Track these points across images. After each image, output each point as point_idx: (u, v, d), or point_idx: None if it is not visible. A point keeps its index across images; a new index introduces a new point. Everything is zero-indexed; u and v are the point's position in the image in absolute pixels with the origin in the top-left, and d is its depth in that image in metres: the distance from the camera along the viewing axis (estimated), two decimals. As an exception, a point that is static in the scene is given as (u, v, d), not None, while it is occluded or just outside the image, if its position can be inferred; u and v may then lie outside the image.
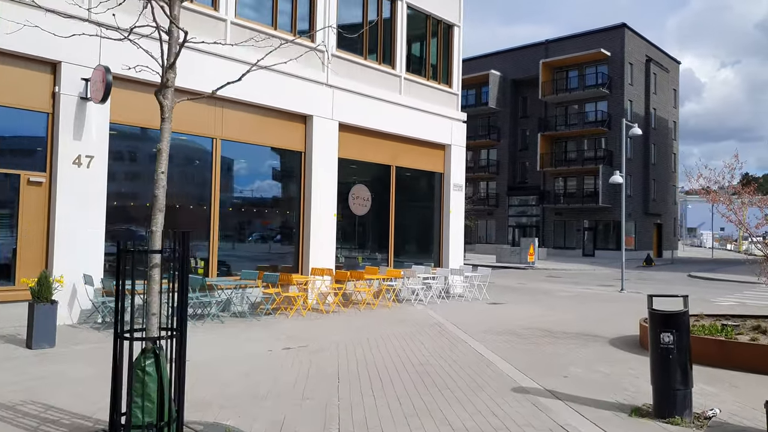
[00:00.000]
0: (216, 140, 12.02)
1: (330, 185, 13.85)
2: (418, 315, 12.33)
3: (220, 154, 12.08)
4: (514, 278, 24.89)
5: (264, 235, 13.52)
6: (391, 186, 15.89)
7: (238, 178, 12.96)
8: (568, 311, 13.80)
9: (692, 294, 20.68)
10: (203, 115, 11.78)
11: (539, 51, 48.36)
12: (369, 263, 15.75)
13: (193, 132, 11.73)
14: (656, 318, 5.35)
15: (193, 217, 12.00)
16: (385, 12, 15.56)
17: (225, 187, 12.37)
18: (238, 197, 12.90)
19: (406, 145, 16.24)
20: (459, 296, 16.22)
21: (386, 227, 15.86)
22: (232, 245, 12.67)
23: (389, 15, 15.70)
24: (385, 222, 15.89)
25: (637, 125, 21.20)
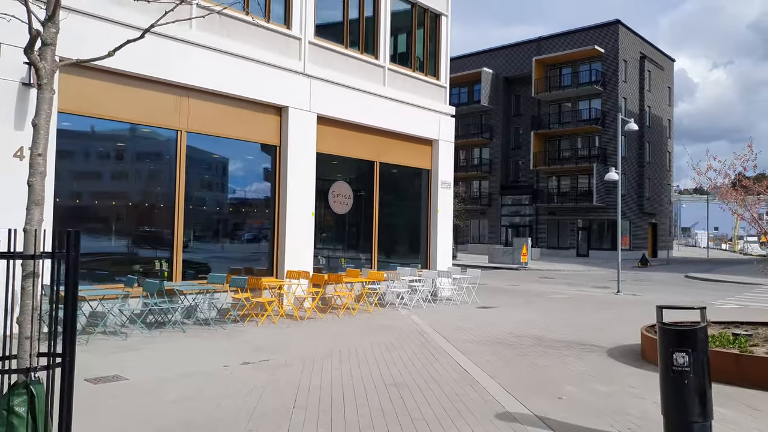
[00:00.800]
0: (181, 133, 11.06)
1: (307, 182, 12.91)
2: (401, 321, 11.41)
3: (185, 147, 11.12)
4: (507, 279, 24.03)
5: (236, 236, 12.56)
6: (375, 183, 14.97)
7: (206, 174, 12.00)
8: (561, 316, 12.92)
9: (691, 296, 19.90)
10: (166, 105, 10.83)
11: (532, 48, 47.57)
12: (352, 265, 14.84)
13: (155, 123, 10.77)
14: (668, 335, 4.45)
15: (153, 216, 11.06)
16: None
17: (191, 183, 11.41)
18: (206, 195, 11.94)
19: (390, 140, 15.33)
20: (447, 299, 15.32)
21: (370, 227, 14.94)
22: (199, 246, 11.71)
23: (372, 2, 14.78)
24: (368, 221, 14.97)
25: (636, 114, 20.35)
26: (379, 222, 15.14)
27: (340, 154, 14.07)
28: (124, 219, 10.82)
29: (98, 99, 9.89)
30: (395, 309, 13.20)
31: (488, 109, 49.78)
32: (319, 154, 13.48)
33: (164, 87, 10.76)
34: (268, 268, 12.64)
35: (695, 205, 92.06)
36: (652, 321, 13.40)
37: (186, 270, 11.28)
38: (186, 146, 11.13)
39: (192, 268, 11.38)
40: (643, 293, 19.97)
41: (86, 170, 10.43)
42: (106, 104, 10.02)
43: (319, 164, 13.54)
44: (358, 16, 14.38)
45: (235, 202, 12.56)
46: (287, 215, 12.50)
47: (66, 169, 9.73)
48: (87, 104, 9.77)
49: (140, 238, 10.92)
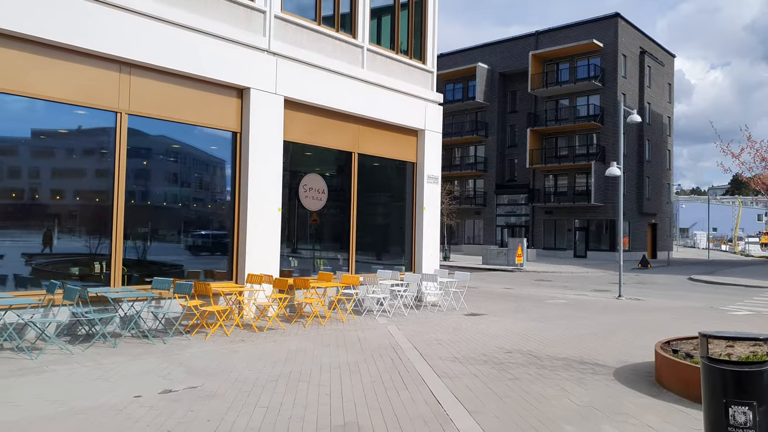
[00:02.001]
0: (120, 115, 9.56)
1: (273, 174, 11.43)
2: (375, 333, 9.94)
3: (126, 133, 9.63)
4: (500, 282, 22.59)
5: (191, 235, 11.07)
6: (353, 176, 13.50)
7: (154, 163, 10.51)
8: (559, 325, 11.48)
9: (698, 301, 18.47)
10: (102, 82, 9.33)
11: (529, 43, 46.16)
12: (329, 268, 13.39)
13: (89, 104, 9.27)
14: (720, 378, 2.98)
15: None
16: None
17: (134, 174, 9.93)
18: (153, 188, 10.46)
19: (370, 129, 13.86)
20: (432, 305, 13.87)
21: (346, 225, 13.47)
22: (145, 247, 10.21)
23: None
24: (345, 219, 13.50)
25: (636, 111, 18.93)
26: (358, 220, 13.68)
27: (312, 144, 12.60)
28: (54, 216, 9.32)
29: (17, 73, 8.40)
30: (372, 317, 11.74)
31: (483, 105, 48.36)
32: (288, 143, 12.02)
33: (99, 61, 9.27)
34: (228, 271, 11.16)
35: (694, 206, 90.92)
36: (659, 330, 11.98)
37: (132, 274, 9.80)
38: (127, 131, 9.64)
39: (139, 270, 9.89)
40: (646, 297, 18.55)
41: (3, 159, 8.93)
42: (28, 79, 8.53)
43: (287, 154, 12.08)
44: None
45: (189, 196, 11.07)
46: (249, 211, 11.02)
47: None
48: (4, 79, 8.28)
49: (73, 238, 9.43)
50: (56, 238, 9.19)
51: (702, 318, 13.34)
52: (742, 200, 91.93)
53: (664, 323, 12.21)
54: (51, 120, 9.12)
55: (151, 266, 10.27)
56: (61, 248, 9.27)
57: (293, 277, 12.36)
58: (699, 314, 14.09)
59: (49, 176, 9.44)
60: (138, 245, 10.03)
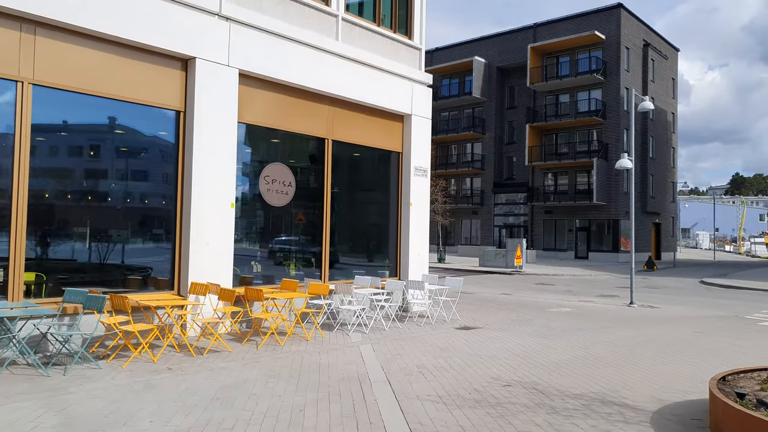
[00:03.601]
0: (23, 85, 7.65)
1: (225, 162, 9.52)
2: (343, 356, 8.04)
3: (30, 107, 7.71)
4: (498, 286, 20.70)
5: (123, 236, 9.14)
6: (326, 167, 11.60)
7: (70, 147, 8.60)
8: (568, 342, 9.58)
9: (718, 308, 16.47)
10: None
11: (528, 35, 44.31)
12: (301, 273, 11.51)
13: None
14: None
15: None
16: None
17: (44, 161, 8.03)
18: (69, 178, 8.54)
19: (347, 113, 11.96)
20: (420, 317, 11.98)
21: (319, 224, 11.56)
22: (57, 250, 8.29)
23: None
24: (317, 217, 11.60)
25: (649, 98, 17.07)
26: (333, 218, 11.78)
27: (275, 127, 10.68)
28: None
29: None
30: (346, 333, 9.83)
31: (480, 101, 46.50)
32: (245, 126, 10.12)
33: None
34: (170, 278, 9.24)
35: (696, 206, 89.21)
36: (688, 350, 9.97)
37: (47, 283, 7.90)
38: (32, 105, 7.72)
39: (55, 279, 7.97)
40: (660, 304, 16.69)
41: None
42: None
43: (245, 139, 10.19)
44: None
45: (121, 188, 9.14)
46: (194, 207, 9.10)
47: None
48: None
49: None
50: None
51: (731, 331, 11.47)
52: (740, 201, 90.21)
53: (689, 339, 10.33)
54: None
55: (75, 273, 8.37)
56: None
57: (254, 286, 10.47)
58: (725, 326, 12.22)
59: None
60: (54, 248, 8.12)
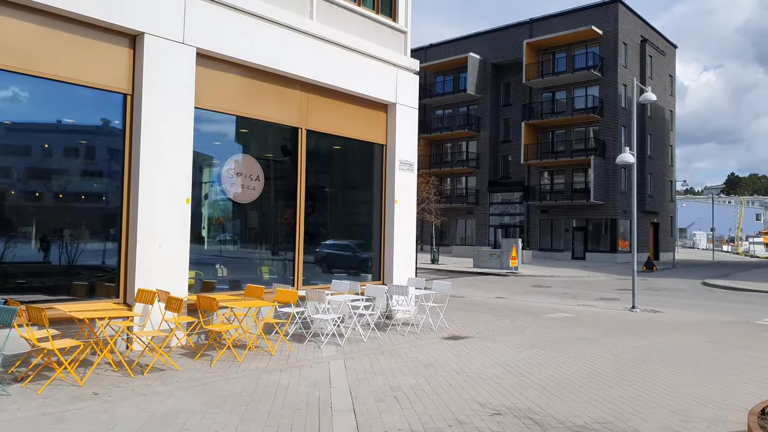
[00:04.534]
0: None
1: (179, 153, 8.40)
2: (309, 376, 6.94)
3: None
4: (492, 289, 19.63)
5: (62, 237, 8.01)
6: (300, 159, 10.49)
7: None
8: (567, 355, 8.50)
9: (725, 313, 15.25)
10: None
11: (523, 31, 43.29)
12: (275, 277, 10.43)
13: None
14: None
15: None
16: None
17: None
18: None
19: (324, 100, 10.86)
20: (404, 324, 10.89)
21: (291, 223, 10.45)
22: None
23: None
24: (289, 215, 10.49)
25: (650, 89, 16.03)
26: (308, 216, 10.68)
27: (241, 114, 9.57)
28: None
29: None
30: (317, 346, 8.73)
31: (475, 98, 45.47)
32: (203, 112, 9.01)
33: None
34: (116, 284, 8.12)
35: (693, 206, 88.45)
36: (702, 363, 9.04)
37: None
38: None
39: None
40: (664, 308, 15.66)
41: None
42: None
43: (204, 127, 9.08)
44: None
45: (59, 183, 8.02)
46: (143, 203, 7.98)
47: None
48: None
49: None
50: None
51: (746, 340, 10.41)
52: (737, 200, 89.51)
53: (702, 350, 9.26)
54: None
55: (8, 279, 7.25)
56: None
57: (217, 292, 9.38)
58: (738, 334, 11.17)
59: None
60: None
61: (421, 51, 49.53)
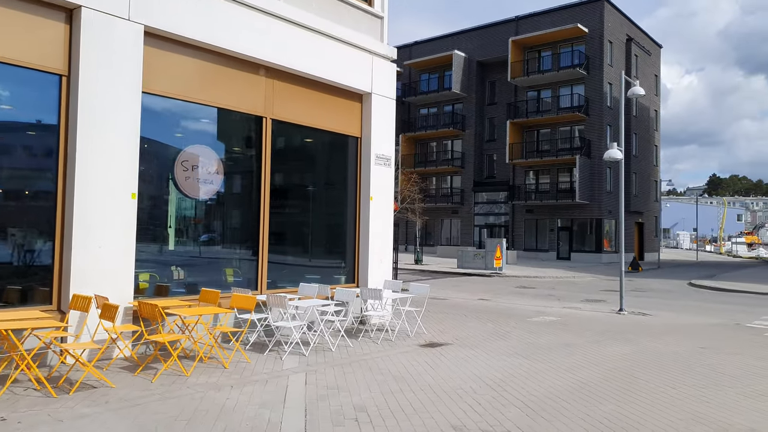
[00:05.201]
0: None
1: (123, 142, 7.53)
2: (259, 395, 6.12)
3: None
4: (476, 290, 18.91)
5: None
6: (264, 151, 9.65)
7: None
8: (552, 365, 7.77)
9: (714, 315, 14.32)
10: None
11: (509, 29, 42.71)
12: (240, 280, 9.59)
13: None
14: None
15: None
16: None
17: None
18: None
19: (292, 87, 10.04)
20: (378, 330, 10.10)
21: (254, 221, 9.62)
22: None
23: None
24: (252, 213, 9.66)
25: (638, 83, 15.42)
26: (273, 214, 9.85)
27: (196, 101, 8.71)
28: None
29: None
30: (279, 356, 7.91)
31: (460, 96, 44.82)
32: (156, 98, 8.15)
33: None
34: (49, 290, 7.23)
35: (676, 206, 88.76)
36: (699, 372, 8.36)
37: None
38: None
39: None
40: (652, 310, 15.07)
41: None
42: None
43: (161, 115, 8.23)
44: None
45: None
46: (79, 199, 7.11)
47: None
48: None
49: None
50: None
51: (740, 346, 9.77)
52: (720, 201, 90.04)
53: (696, 357, 8.59)
54: None
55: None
56: None
57: (172, 297, 8.53)
58: (731, 338, 10.55)
59: None
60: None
61: (406, 48, 48.81)
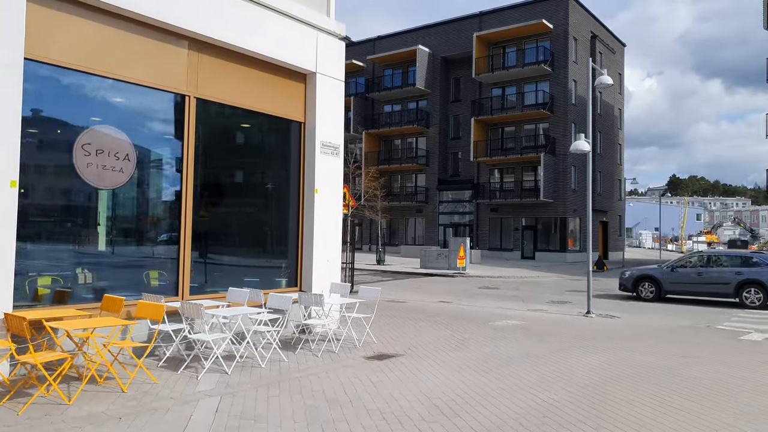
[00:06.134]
0: None
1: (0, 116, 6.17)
2: (150, 430, 4.89)
3: None
4: (437, 291, 17.89)
5: None
6: (187, 135, 8.35)
7: None
8: (515, 381, 6.72)
9: (683, 317, 12.34)
10: None
11: (473, 24, 42.00)
12: (165, 283, 8.27)
13: None
14: None
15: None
16: None
17: None
18: None
19: (223, 63, 8.77)
20: (321, 340, 8.93)
21: (175, 216, 8.32)
22: None
23: None
24: (172, 206, 8.36)
25: (606, 72, 14.62)
26: (204, 208, 8.57)
27: (100, 73, 7.37)
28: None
29: None
30: (196, 375, 6.66)
31: (424, 93, 43.92)
32: (46, 68, 6.80)
33: None
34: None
35: (638, 205, 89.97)
36: (681, 384, 5.83)
37: None
38: None
39: None
40: (620, 312, 14.32)
41: None
42: None
43: (46, 87, 6.88)
44: None
45: None
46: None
47: None
48: None
49: None
50: None
51: (720, 351, 8.94)
52: (680, 201, 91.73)
53: (677, 367, 7.67)
54: None
55: None
56: None
57: (70, 305, 7.19)
58: (708, 343, 9.75)
59: None
60: None
61: (369, 43, 47.71)
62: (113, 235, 8.20)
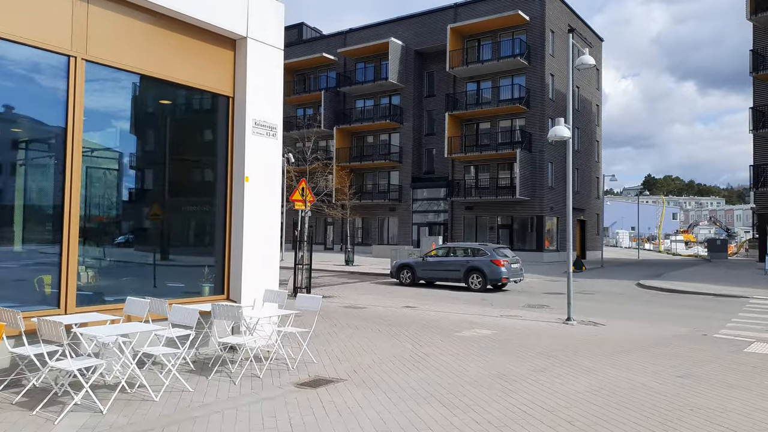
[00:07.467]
0: None
1: None
2: None
3: None
4: (404, 294, 16.31)
5: None
6: (73, 106, 6.63)
7: None
8: (481, 420, 5.17)
9: (673, 321, 10.99)
10: None
11: (448, 16, 40.61)
12: (57, 293, 6.56)
13: None
14: None
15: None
16: None
17: None
18: None
19: (123, 19, 7.07)
20: (246, 359, 7.27)
21: (57, 207, 6.60)
22: None
23: None
24: (52, 196, 6.64)
25: (588, 51, 13.22)
26: (92, 199, 6.86)
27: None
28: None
29: None
30: (58, 414, 4.97)
31: (397, 87, 42.41)
32: None
33: None
34: None
35: (615, 204, 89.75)
36: (685, 420, 5.34)
37: None
38: None
39: None
40: (604, 317, 12.89)
41: None
42: None
43: None
44: None
45: None
46: None
47: None
48: None
49: None
50: None
51: (723, 369, 7.51)
52: (657, 200, 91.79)
53: (675, 393, 6.20)
54: None
55: None
56: None
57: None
58: (708, 357, 8.31)
59: None
60: None
61: (341, 35, 46.07)
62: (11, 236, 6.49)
